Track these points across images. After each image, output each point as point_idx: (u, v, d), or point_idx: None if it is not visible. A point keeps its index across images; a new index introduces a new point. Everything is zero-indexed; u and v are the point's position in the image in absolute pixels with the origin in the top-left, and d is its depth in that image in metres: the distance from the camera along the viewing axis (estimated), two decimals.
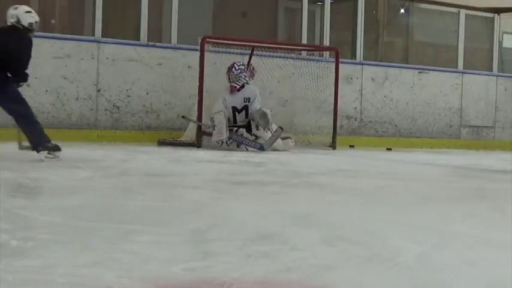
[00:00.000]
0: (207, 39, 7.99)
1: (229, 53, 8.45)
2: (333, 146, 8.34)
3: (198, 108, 7.74)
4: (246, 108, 7.73)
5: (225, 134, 7.47)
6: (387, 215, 3.17)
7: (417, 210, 3.40)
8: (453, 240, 2.53)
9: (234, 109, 7.71)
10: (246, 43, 8.48)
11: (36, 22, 5.85)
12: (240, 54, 8.47)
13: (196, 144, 7.57)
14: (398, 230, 2.70)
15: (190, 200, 3.45)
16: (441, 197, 4.12)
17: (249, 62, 8.22)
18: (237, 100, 7.73)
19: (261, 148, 7.38)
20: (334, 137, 8.41)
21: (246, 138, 7.58)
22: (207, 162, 5.98)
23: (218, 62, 8.36)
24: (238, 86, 7.73)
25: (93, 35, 8.32)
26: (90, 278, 1.76)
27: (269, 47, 8.57)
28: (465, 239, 2.57)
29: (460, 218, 3.17)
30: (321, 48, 9.52)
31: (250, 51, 8.32)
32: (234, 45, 8.55)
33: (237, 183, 4.46)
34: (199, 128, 7.67)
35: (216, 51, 8.33)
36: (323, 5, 10.02)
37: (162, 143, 7.80)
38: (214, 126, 7.51)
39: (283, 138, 7.79)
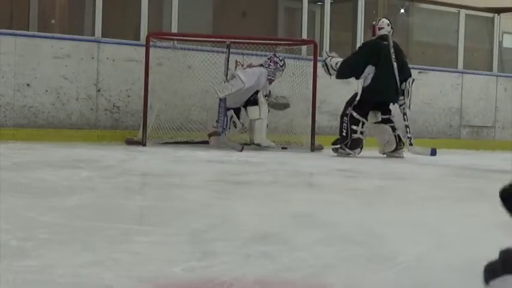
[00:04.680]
0: (153, 35, 8.12)
1: (202, 50, 8.50)
2: (311, 147, 8.00)
3: (143, 108, 7.78)
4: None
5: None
6: (387, 215, 3.17)
7: (417, 210, 3.40)
8: (453, 240, 2.53)
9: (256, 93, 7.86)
10: (195, 38, 8.56)
11: None
12: (216, 52, 8.51)
13: (142, 142, 7.63)
14: (399, 230, 2.70)
15: (190, 200, 3.45)
16: (441, 197, 4.12)
17: (227, 58, 8.21)
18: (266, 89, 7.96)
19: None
20: (312, 138, 8.09)
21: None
22: (207, 162, 5.98)
23: (218, 62, 8.36)
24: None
25: (93, 35, 8.33)
26: (90, 278, 1.76)
27: (238, 42, 8.56)
28: (465, 239, 2.57)
29: (460, 218, 3.17)
30: (297, 42, 9.43)
31: (226, 49, 8.34)
32: (208, 42, 8.62)
33: (237, 183, 4.46)
34: (144, 125, 7.73)
35: (187, 49, 8.40)
36: (323, 5, 10.02)
37: (130, 142, 7.84)
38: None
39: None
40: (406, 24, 11.43)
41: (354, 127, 7.19)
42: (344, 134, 7.23)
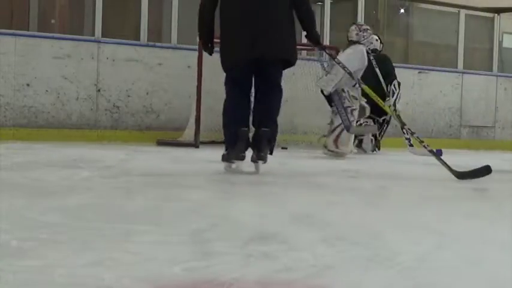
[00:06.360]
0: None
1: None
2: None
3: (196, 109, 7.76)
4: None
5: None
6: (387, 215, 3.17)
7: (417, 210, 3.40)
8: (453, 240, 2.53)
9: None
10: None
11: None
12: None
13: (194, 143, 7.57)
14: (399, 230, 2.70)
15: (190, 200, 3.44)
16: (441, 197, 4.12)
17: None
18: None
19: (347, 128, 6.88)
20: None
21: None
22: (207, 162, 5.98)
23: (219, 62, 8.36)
24: None
25: (93, 35, 8.33)
26: (90, 278, 1.75)
27: None
28: (465, 239, 2.57)
29: (460, 218, 3.17)
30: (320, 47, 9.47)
31: None
32: None
33: (237, 183, 4.46)
34: (197, 127, 7.66)
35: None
36: (323, 5, 10.02)
37: (161, 143, 7.81)
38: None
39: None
40: (406, 24, 11.43)
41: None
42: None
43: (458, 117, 11.04)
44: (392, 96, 7.85)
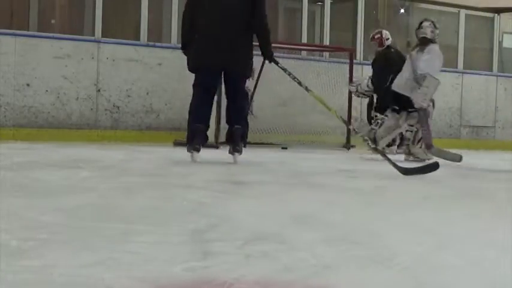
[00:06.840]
0: None
1: None
2: (347, 146, 8.53)
3: (216, 109, 7.76)
4: None
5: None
6: (387, 215, 3.17)
7: (417, 210, 3.40)
8: (453, 240, 2.53)
9: None
10: None
11: None
12: None
13: (215, 144, 7.50)
14: (399, 230, 2.70)
15: (190, 200, 3.44)
16: (441, 197, 4.12)
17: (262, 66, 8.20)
18: None
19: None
20: (348, 138, 8.55)
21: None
22: (207, 162, 5.98)
23: None
24: None
25: (93, 35, 8.33)
26: (90, 278, 1.76)
27: (285, 48, 8.55)
28: (465, 239, 2.57)
29: (460, 218, 3.17)
30: (336, 49, 9.56)
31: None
32: None
33: (237, 183, 4.46)
34: (217, 128, 7.62)
35: None
36: (323, 5, 10.02)
37: (178, 143, 7.77)
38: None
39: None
40: (406, 24, 11.44)
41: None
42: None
43: (458, 117, 11.04)
44: None
